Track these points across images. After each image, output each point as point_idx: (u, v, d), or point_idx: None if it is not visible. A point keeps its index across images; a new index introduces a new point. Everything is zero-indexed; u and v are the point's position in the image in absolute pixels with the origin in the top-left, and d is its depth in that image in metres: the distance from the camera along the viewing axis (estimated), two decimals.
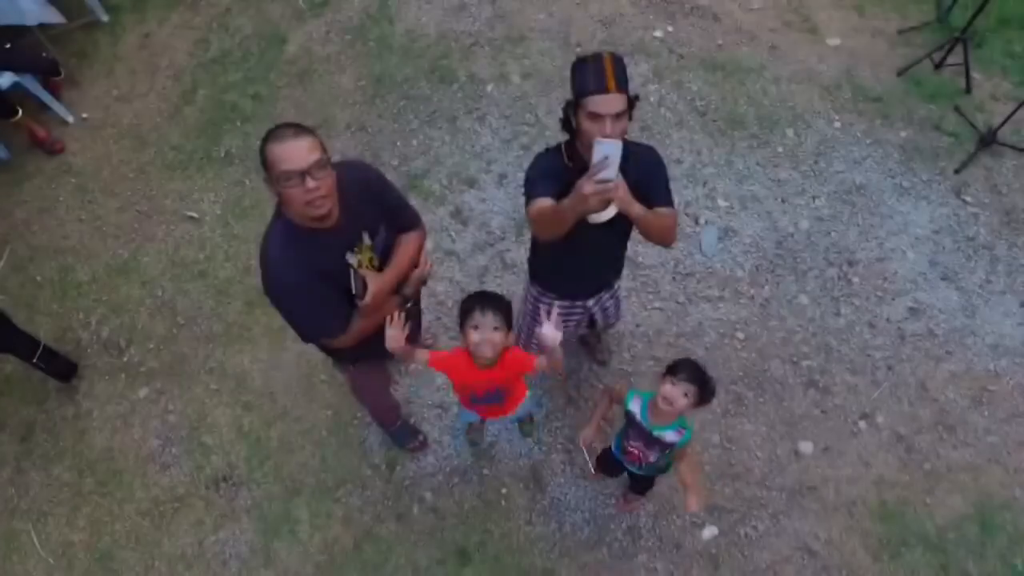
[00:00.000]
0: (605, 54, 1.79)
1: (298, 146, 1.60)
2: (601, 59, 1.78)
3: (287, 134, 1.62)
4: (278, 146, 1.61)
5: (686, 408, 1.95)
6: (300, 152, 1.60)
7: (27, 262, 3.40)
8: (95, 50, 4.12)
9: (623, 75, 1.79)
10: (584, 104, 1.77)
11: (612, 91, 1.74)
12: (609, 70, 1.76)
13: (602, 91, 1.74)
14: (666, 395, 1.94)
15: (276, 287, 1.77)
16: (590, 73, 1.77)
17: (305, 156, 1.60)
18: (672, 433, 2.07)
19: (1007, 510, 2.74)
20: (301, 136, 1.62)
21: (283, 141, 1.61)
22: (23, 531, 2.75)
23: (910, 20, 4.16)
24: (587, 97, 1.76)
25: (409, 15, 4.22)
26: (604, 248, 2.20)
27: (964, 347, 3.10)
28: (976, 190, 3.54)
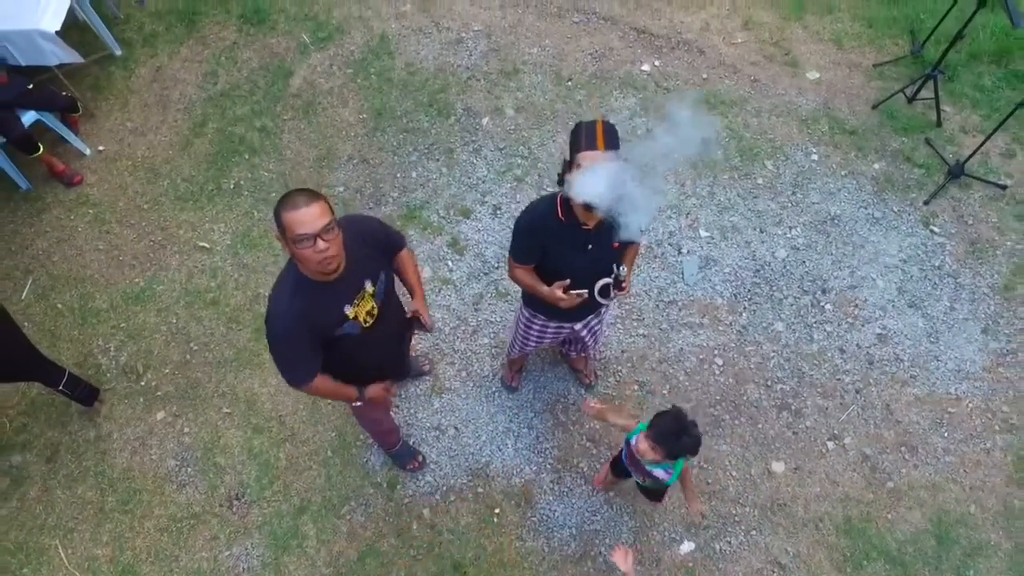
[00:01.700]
0: (599, 120, 2.01)
1: (310, 212, 1.80)
2: (595, 124, 2.00)
3: (300, 201, 1.81)
4: (292, 212, 1.80)
5: (659, 459, 2.14)
6: (312, 217, 1.79)
7: (49, 290, 3.61)
8: (109, 83, 4.32)
9: (614, 138, 2.00)
10: (577, 160, 1.98)
11: (601, 149, 1.95)
12: (600, 132, 1.97)
13: (593, 148, 1.95)
14: (638, 443, 2.16)
15: (272, 332, 1.98)
16: (584, 134, 1.98)
17: (316, 221, 1.79)
18: (662, 472, 2.26)
19: (962, 525, 2.95)
20: (312, 203, 1.82)
21: (296, 208, 1.80)
22: (51, 546, 2.96)
23: (885, 54, 4.37)
24: (580, 153, 1.97)
25: (408, 49, 4.42)
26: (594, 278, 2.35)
27: (928, 371, 3.32)
28: (944, 220, 3.75)
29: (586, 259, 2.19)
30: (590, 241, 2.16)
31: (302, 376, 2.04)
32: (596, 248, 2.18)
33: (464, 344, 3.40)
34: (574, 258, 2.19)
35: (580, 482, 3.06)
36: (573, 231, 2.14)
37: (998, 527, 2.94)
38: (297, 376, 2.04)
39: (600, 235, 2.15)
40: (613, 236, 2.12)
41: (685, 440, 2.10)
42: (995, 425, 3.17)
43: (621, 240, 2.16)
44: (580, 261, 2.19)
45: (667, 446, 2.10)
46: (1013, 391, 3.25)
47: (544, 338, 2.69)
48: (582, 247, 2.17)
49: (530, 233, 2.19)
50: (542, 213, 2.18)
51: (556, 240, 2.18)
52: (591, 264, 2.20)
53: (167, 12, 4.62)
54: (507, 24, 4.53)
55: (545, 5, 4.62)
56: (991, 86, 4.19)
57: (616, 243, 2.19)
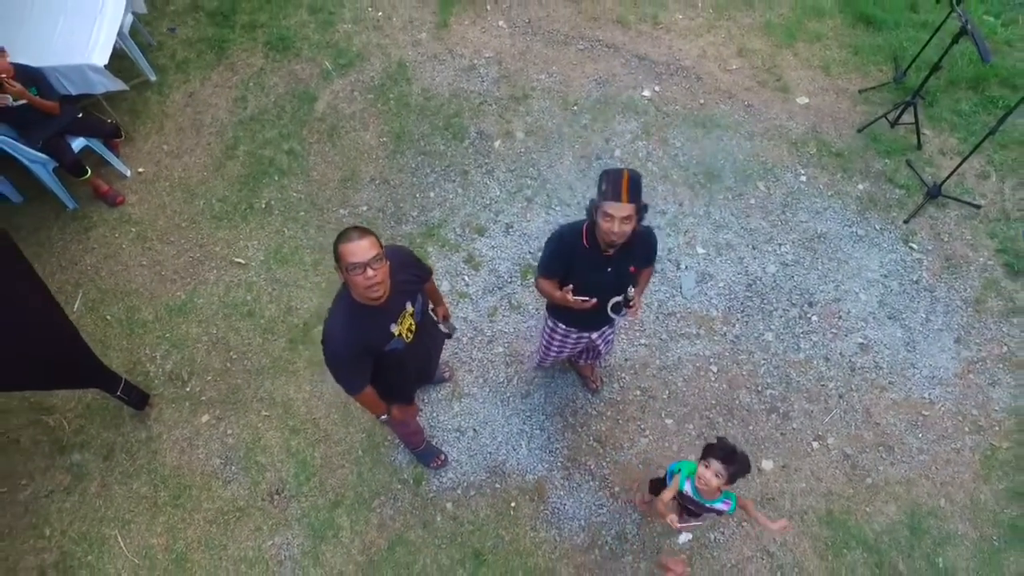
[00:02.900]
0: (625, 171, 2.29)
1: (361, 245, 2.10)
2: (622, 174, 2.28)
3: (353, 236, 2.12)
4: (347, 245, 2.11)
5: (721, 485, 2.36)
6: (363, 250, 2.10)
7: (98, 303, 3.92)
8: (146, 108, 4.63)
9: (637, 190, 2.28)
10: (602, 206, 2.29)
11: (624, 202, 2.25)
12: (625, 185, 2.26)
13: (617, 200, 2.26)
14: (701, 476, 2.37)
15: (330, 352, 2.28)
16: (611, 183, 2.27)
17: (367, 252, 2.10)
18: (721, 504, 2.49)
19: (933, 517, 3.27)
20: (364, 237, 2.12)
21: (351, 241, 2.11)
22: (111, 536, 3.28)
23: (870, 80, 4.68)
24: (605, 202, 2.28)
25: (424, 75, 4.73)
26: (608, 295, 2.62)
27: (905, 378, 3.63)
28: (922, 238, 4.06)
29: (604, 279, 2.52)
30: (609, 264, 2.49)
31: (358, 387, 2.36)
32: (614, 271, 2.51)
33: (481, 353, 3.71)
34: (594, 277, 2.51)
35: (588, 479, 3.37)
36: (595, 255, 2.46)
37: (965, 519, 3.26)
38: (354, 387, 2.36)
39: (618, 260, 2.47)
40: (630, 261, 2.48)
41: (742, 454, 2.36)
42: (965, 427, 3.49)
43: (637, 265, 2.53)
44: (599, 280, 2.51)
45: (732, 463, 2.33)
46: (982, 395, 3.57)
47: (565, 346, 3.01)
48: (602, 269, 2.50)
49: (559, 252, 2.52)
50: (571, 236, 2.51)
51: (580, 261, 2.50)
52: (608, 283, 2.53)
53: (197, 39, 4.93)
54: (516, 51, 4.84)
55: (552, 33, 4.93)
56: (968, 111, 4.50)
57: (632, 267, 2.53)
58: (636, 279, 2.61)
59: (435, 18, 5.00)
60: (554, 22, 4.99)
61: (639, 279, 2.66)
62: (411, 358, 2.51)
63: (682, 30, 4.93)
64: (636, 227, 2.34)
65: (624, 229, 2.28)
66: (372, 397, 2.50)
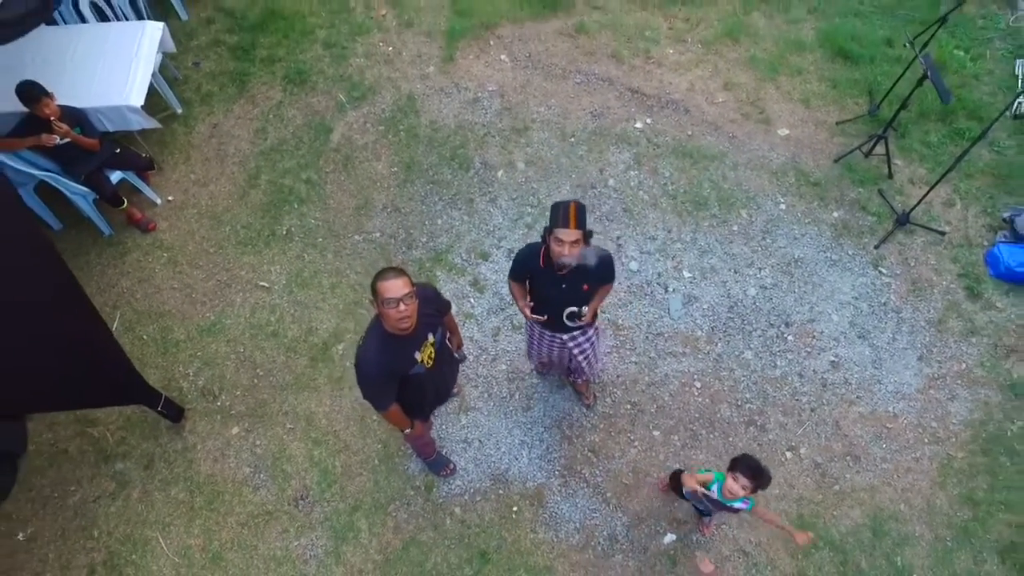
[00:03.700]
0: (573, 203, 2.70)
1: (396, 284, 2.45)
2: (569, 205, 2.69)
3: (390, 276, 2.46)
4: (384, 283, 2.45)
5: (747, 493, 2.76)
6: (397, 287, 2.45)
7: (134, 324, 4.27)
8: (173, 139, 4.98)
9: (582, 218, 2.70)
10: (554, 232, 2.70)
11: (572, 228, 2.66)
12: (572, 214, 2.67)
13: (566, 227, 2.65)
14: (729, 487, 2.77)
15: (363, 374, 2.63)
16: (560, 213, 2.68)
17: (400, 289, 2.45)
18: (740, 503, 2.87)
19: (894, 520, 3.62)
20: (399, 277, 2.47)
21: (387, 280, 2.46)
22: (153, 537, 3.63)
23: (847, 113, 5.03)
24: (556, 228, 2.68)
25: (432, 108, 5.08)
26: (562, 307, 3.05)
27: (871, 393, 3.99)
28: (891, 263, 4.41)
29: (558, 293, 2.97)
30: (563, 281, 2.90)
31: (385, 404, 2.72)
32: (568, 287, 2.93)
33: (485, 370, 4.06)
34: (549, 291, 2.98)
35: (583, 485, 3.73)
36: (550, 273, 2.89)
37: (922, 522, 3.61)
38: (382, 404, 2.72)
39: (572, 278, 2.89)
40: (584, 280, 2.92)
41: (766, 471, 2.74)
42: (925, 438, 3.84)
43: (590, 283, 2.96)
44: (553, 294, 2.98)
45: (759, 479, 2.73)
46: (941, 409, 3.92)
47: (543, 345, 3.41)
48: (557, 285, 2.92)
49: (521, 267, 3.01)
50: (530, 257, 2.96)
51: (537, 277, 2.99)
52: (561, 297, 2.99)
53: (220, 73, 5.29)
54: (518, 84, 5.19)
55: (551, 67, 5.29)
56: (937, 142, 4.86)
57: (586, 285, 2.95)
58: (591, 294, 3.03)
59: (442, 52, 5.36)
60: (553, 56, 5.34)
61: (595, 294, 3.08)
62: (431, 381, 2.87)
63: (672, 64, 5.28)
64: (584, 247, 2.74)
65: (573, 251, 2.69)
66: (398, 413, 2.86)
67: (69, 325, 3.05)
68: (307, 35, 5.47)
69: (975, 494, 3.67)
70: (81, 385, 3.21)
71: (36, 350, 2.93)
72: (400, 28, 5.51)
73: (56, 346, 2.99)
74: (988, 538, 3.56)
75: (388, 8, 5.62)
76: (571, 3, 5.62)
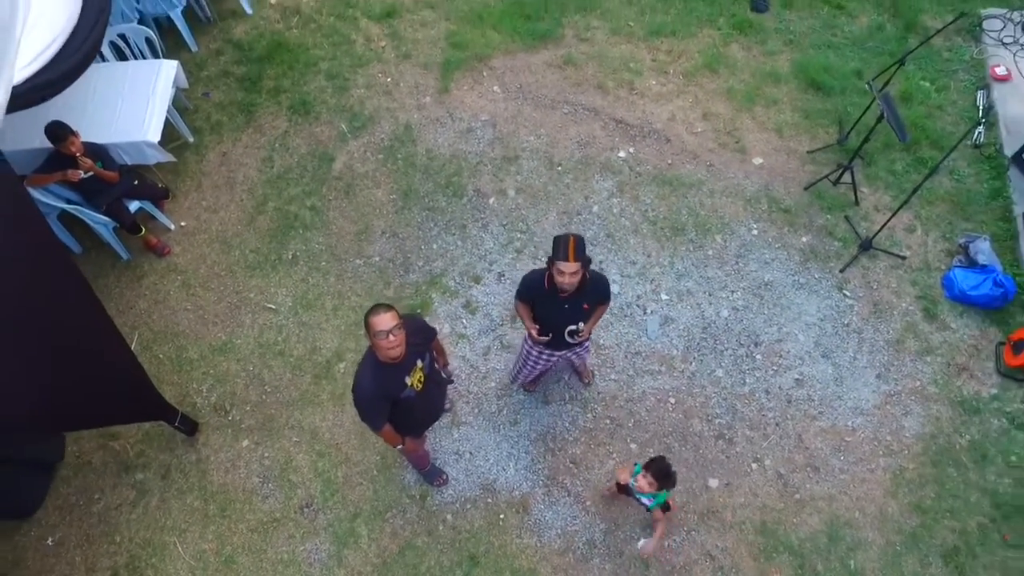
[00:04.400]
0: (571, 237, 3.01)
1: (385, 317, 2.79)
2: (568, 239, 3.00)
3: (380, 311, 2.80)
4: (375, 318, 2.79)
5: (652, 489, 3.22)
6: (386, 320, 2.78)
7: (151, 343, 4.61)
8: (185, 167, 5.31)
9: (581, 250, 3.01)
10: (555, 264, 3.02)
11: (571, 260, 2.98)
12: (571, 248, 2.98)
13: (566, 260, 2.97)
14: (638, 481, 3.22)
15: (358, 398, 2.97)
16: (561, 246, 3.00)
17: (389, 323, 2.78)
18: (645, 500, 3.34)
19: (849, 527, 3.95)
20: (387, 312, 2.80)
21: (377, 315, 2.79)
22: (170, 542, 3.97)
23: (818, 142, 5.35)
24: (558, 261, 3.00)
25: (428, 137, 5.41)
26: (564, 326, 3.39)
27: (832, 409, 4.31)
28: (854, 286, 4.74)
29: (561, 313, 3.30)
30: (566, 303, 3.24)
31: (379, 425, 3.06)
32: (570, 307, 3.26)
33: (476, 387, 4.40)
34: (553, 312, 3.31)
35: (565, 495, 4.06)
36: (554, 295, 3.22)
37: (874, 528, 3.94)
38: (376, 425, 3.06)
39: (573, 299, 3.23)
40: (584, 300, 3.26)
41: (672, 475, 3.20)
42: (879, 450, 4.17)
43: (589, 303, 3.30)
44: (556, 314, 3.31)
45: (662, 480, 3.20)
46: (896, 424, 4.25)
47: (539, 364, 3.73)
48: (560, 306, 3.25)
49: (527, 289, 3.34)
50: (536, 280, 3.29)
51: (542, 299, 3.32)
52: (564, 317, 3.33)
53: (229, 103, 5.62)
54: (509, 114, 5.52)
55: (541, 98, 5.61)
56: (902, 171, 5.18)
57: (586, 305, 3.29)
58: (590, 313, 3.38)
59: (437, 83, 5.68)
60: (542, 87, 5.67)
61: (593, 313, 3.42)
62: (421, 403, 3.20)
63: (655, 95, 5.60)
64: (586, 276, 3.09)
65: (573, 280, 3.03)
66: (390, 432, 3.19)
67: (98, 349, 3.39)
68: (311, 66, 5.80)
69: (923, 502, 4.00)
70: (109, 405, 3.54)
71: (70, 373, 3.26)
72: (398, 60, 5.83)
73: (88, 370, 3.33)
74: (934, 543, 3.89)
75: (387, 40, 5.94)
76: (560, 35, 5.95)
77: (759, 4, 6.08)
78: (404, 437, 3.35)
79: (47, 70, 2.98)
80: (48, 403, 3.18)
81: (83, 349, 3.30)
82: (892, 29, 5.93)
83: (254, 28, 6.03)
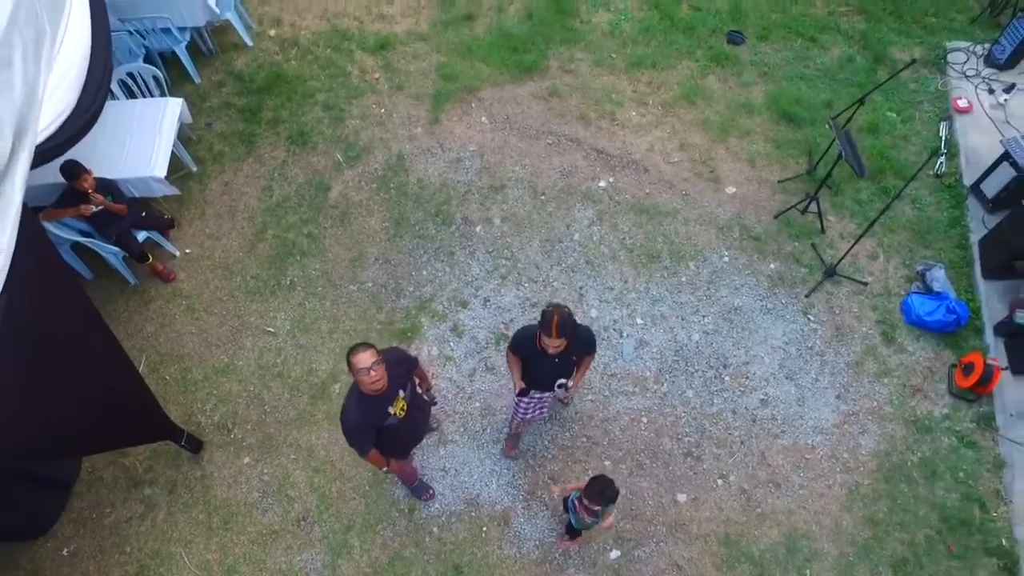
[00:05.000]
0: (556, 315, 3.16)
1: (364, 356, 3.08)
2: (553, 317, 3.18)
3: (359, 350, 3.09)
4: (355, 356, 3.08)
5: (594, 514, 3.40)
6: (366, 358, 3.08)
7: (158, 365, 4.92)
8: (189, 196, 5.62)
9: (565, 327, 3.19)
10: (541, 336, 3.27)
11: (554, 338, 3.21)
12: (555, 326, 3.16)
13: (549, 336, 3.22)
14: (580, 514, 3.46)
15: (345, 427, 3.27)
16: (546, 323, 3.21)
17: (368, 360, 3.08)
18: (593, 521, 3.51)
19: (806, 538, 4.25)
20: (366, 350, 3.10)
21: (357, 354, 3.09)
22: (177, 552, 4.28)
23: (788, 171, 5.65)
24: (543, 335, 3.25)
25: (419, 167, 5.72)
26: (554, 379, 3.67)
27: (794, 428, 4.62)
28: (818, 311, 5.04)
29: (551, 368, 3.55)
30: (556, 358, 3.47)
31: (365, 450, 3.36)
32: (560, 362, 3.51)
33: (462, 407, 4.70)
34: (543, 367, 3.55)
35: (543, 509, 4.36)
36: (544, 354, 3.44)
37: (830, 540, 4.24)
38: (362, 451, 3.36)
39: (561, 357, 3.45)
40: (572, 354, 3.50)
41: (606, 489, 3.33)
42: (837, 467, 4.47)
43: (578, 355, 3.57)
44: (546, 369, 3.56)
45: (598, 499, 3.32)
46: (853, 442, 4.55)
47: (530, 409, 4.01)
48: (550, 361, 3.49)
49: (518, 346, 3.57)
50: (527, 339, 3.49)
51: (532, 357, 3.55)
52: (553, 371, 3.58)
53: (230, 134, 5.93)
54: (496, 145, 5.82)
55: (526, 128, 5.92)
56: (867, 199, 5.48)
57: (575, 357, 3.56)
58: (579, 364, 3.65)
59: (428, 115, 5.99)
60: (528, 118, 5.97)
61: (581, 364, 3.69)
62: (404, 429, 3.50)
63: (634, 126, 5.90)
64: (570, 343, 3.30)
65: (559, 350, 3.29)
66: (376, 457, 3.50)
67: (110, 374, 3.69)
68: (308, 97, 6.10)
69: (876, 516, 4.30)
70: (121, 429, 3.85)
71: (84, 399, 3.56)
72: (392, 91, 6.14)
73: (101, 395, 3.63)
74: (884, 554, 4.19)
75: (381, 72, 6.25)
76: (546, 67, 6.25)
77: (735, 37, 6.38)
78: (389, 459, 3.65)
79: (61, 131, 3.30)
80: (64, 429, 3.48)
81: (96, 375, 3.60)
82: (862, 61, 6.23)
83: (254, 60, 6.34)
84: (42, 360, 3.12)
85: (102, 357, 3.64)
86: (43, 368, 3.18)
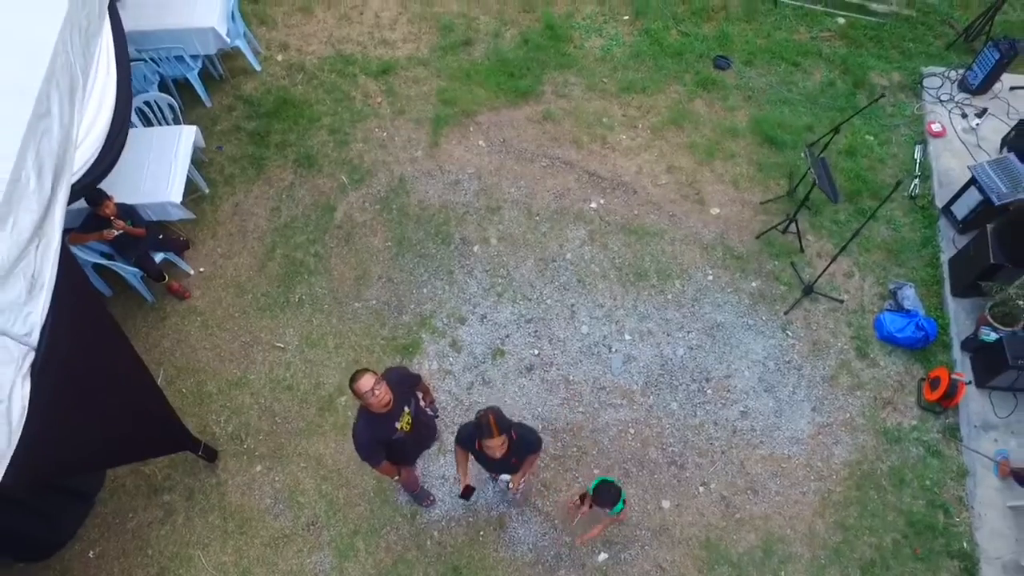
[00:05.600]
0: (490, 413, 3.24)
1: (366, 380, 3.38)
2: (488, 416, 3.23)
3: (359, 376, 3.38)
4: (357, 383, 3.38)
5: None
6: (367, 383, 3.38)
7: (175, 378, 5.23)
8: (202, 217, 5.93)
9: (502, 423, 3.23)
10: (481, 442, 3.29)
11: (495, 436, 3.22)
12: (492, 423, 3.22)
13: (491, 436, 3.23)
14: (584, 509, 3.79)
15: (356, 443, 3.59)
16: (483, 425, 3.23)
17: (370, 383, 3.38)
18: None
19: (781, 542, 4.56)
20: (367, 374, 3.39)
21: (359, 380, 3.38)
22: (195, 555, 4.59)
23: (770, 193, 5.96)
24: (482, 439, 3.27)
25: (419, 188, 6.03)
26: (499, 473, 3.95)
27: (772, 438, 4.92)
28: (796, 327, 5.35)
29: (494, 466, 3.75)
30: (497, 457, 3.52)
31: (376, 462, 3.68)
32: (500, 462, 3.54)
33: (460, 418, 5.01)
34: (486, 463, 3.77)
35: (536, 514, 4.67)
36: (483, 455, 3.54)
37: (804, 543, 4.55)
38: (374, 463, 3.68)
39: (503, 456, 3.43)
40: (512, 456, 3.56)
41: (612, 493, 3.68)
42: (811, 476, 4.78)
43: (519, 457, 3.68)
44: (490, 466, 3.80)
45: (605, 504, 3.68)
46: (827, 452, 4.86)
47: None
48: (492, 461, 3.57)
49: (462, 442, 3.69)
50: (470, 439, 3.54)
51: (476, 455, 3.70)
52: (497, 468, 3.80)
53: (240, 157, 6.23)
54: (493, 167, 6.13)
55: (521, 151, 6.22)
56: (844, 220, 5.78)
57: (515, 459, 3.66)
58: (519, 466, 3.77)
59: (428, 138, 6.29)
60: (523, 141, 6.28)
61: (524, 464, 3.78)
62: (411, 442, 3.82)
63: (624, 149, 6.21)
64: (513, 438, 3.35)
65: (503, 449, 3.32)
66: (387, 467, 3.81)
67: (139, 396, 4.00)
68: (314, 121, 6.41)
69: (847, 521, 4.61)
70: (145, 442, 4.16)
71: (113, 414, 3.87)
72: (394, 115, 6.44)
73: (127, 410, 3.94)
74: (854, 556, 4.50)
75: (383, 97, 6.55)
76: (540, 92, 6.55)
77: (721, 62, 6.69)
78: (400, 469, 3.96)
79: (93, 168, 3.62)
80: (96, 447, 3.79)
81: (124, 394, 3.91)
82: (842, 85, 6.54)
83: (262, 84, 6.64)
84: (78, 384, 3.43)
85: (129, 377, 3.95)
86: (78, 391, 3.49)
